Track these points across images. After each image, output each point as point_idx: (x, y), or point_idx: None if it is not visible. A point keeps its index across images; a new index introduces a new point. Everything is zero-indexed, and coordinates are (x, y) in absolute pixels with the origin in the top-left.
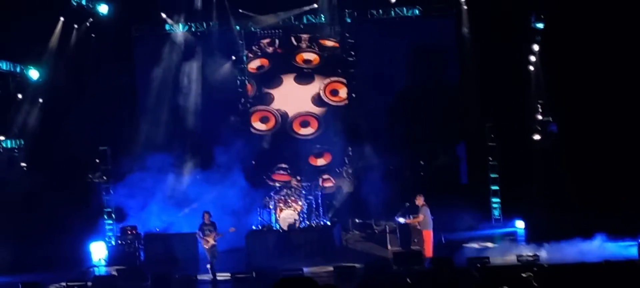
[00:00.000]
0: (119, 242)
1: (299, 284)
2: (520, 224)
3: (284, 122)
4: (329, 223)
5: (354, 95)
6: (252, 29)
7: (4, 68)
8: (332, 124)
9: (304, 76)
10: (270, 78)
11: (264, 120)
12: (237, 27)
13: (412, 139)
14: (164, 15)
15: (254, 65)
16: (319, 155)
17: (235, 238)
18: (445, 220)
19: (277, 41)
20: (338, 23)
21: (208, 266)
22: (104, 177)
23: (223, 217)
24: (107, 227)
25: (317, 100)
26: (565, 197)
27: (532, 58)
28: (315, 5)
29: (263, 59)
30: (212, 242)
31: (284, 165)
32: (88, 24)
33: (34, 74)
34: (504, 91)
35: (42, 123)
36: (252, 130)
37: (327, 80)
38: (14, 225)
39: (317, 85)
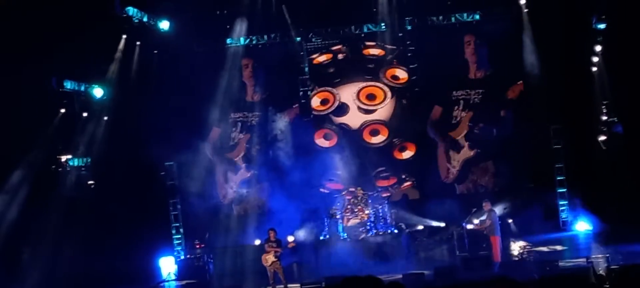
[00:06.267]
0: (188, 256)
1: (365, 283)
2: (588, 226)
3: (348, 135)
4: (396, 230)
5: (404, 101)
6: (313, 40)
7: (69, 87)
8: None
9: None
10: (333, 77)
11: (327, 136)
12: (298, 39)
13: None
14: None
15: (321, 58)
16: (402, 150)
17: (304, 249)
18: (514, 224)
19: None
20: (398, 30)
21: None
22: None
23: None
24: (176, 242)
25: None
26: (634, 198)
27: (595, 59)
28: None
29: (329, 54)
30: (272, 258)
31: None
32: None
33: (98, 92)
34: (567, 93)
35: (108, 141)
36: (316, 145)
37: (362, 85)
38: (84, 243)
39: (350, 94)
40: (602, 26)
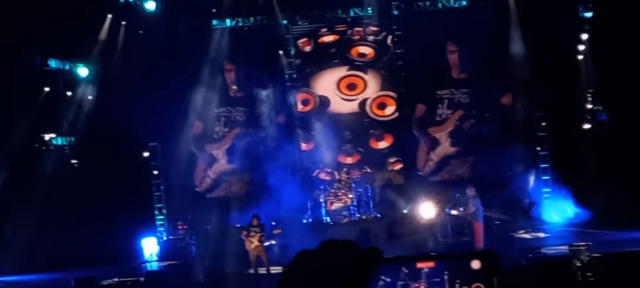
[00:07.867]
0: (171, 237)
1: (342, 245)
2: (571, 213)
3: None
4: (379, 215)
5: (403, 90)
6: (299, 23)
7: (54, 66)
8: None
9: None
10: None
11: (379, 138)
12: (284, 22)
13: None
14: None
15: (326, 39)
16: (379, 138)
17: (286, 232)
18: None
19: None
20: (385, 16)
21: (250, 271)
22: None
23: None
24: (158, 223)
25: (362, 108)
26: (617, 185)
27: (581, 47)
28: None
29: (336, 35)
30: (256, 243)
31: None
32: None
33: (83, 71)
34: (553, 81)
35: (92, 120)
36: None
37: (376, 94)
38: (67, 222)
39: (366, 94)
40: (588, 14)
